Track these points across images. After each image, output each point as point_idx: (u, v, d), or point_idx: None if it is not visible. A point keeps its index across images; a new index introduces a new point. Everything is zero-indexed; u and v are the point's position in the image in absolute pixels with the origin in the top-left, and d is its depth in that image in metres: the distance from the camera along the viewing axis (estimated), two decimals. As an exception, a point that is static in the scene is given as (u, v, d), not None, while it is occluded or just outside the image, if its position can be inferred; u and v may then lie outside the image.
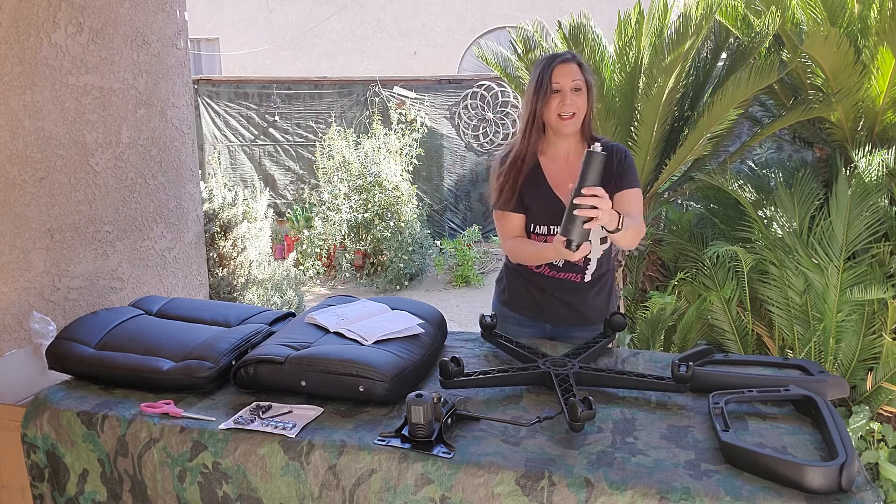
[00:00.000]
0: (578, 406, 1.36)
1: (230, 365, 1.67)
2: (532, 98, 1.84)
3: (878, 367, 2.71)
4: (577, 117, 1.86)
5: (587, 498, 1.24)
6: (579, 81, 1.83)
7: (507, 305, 2.09)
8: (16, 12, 2.06)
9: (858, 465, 1.23)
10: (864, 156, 2.85)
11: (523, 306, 2.05)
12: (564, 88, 1.82)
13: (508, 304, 2.08)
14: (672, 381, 1.55)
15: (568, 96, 1.82)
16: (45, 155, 2.18)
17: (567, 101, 1.83)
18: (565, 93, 1.82)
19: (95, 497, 1.56)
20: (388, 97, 7.22)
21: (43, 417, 1.58)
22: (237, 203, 4.29)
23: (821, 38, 2.78)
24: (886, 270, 2.73)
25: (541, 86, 1.82)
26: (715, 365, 1.72)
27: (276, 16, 11.04)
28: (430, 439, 1.37)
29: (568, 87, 1.82)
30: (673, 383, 1.54)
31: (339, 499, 1.37)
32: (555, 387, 1.54)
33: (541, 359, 1.68)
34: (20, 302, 2.13)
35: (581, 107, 1.85)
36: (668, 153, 3.40)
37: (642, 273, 3.56)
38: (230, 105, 7.36)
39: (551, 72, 1.82)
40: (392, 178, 6.21)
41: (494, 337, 1.83)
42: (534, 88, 1.83)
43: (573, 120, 1.85)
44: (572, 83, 1.82)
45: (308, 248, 6.34)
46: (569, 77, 1.82)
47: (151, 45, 2.59)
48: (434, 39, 10.80)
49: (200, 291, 2.98)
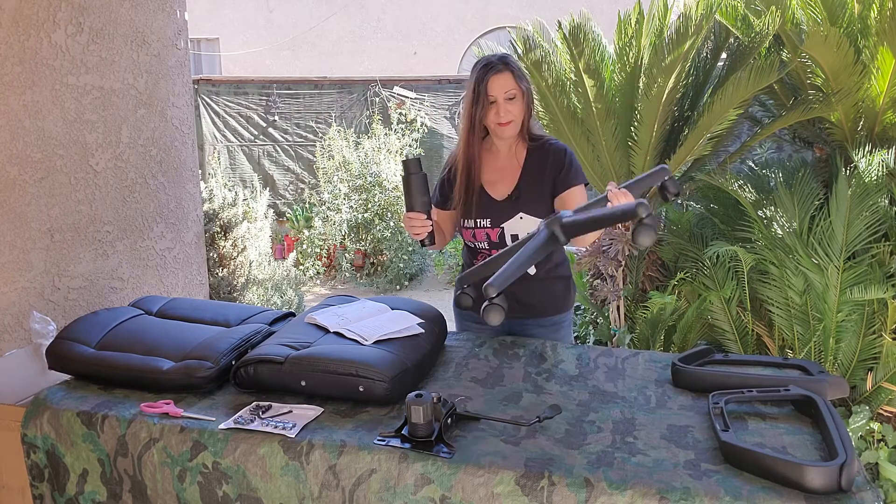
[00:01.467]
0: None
1: (230, 365, 1.67)
2: (470, 108, 1.91)
3: (878, 367, 2.71)
4: (515, 122, 1.93)
5: (587, 498, 1.24)
6: (512, 90, 1.89)
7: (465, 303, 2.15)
8: (16, 12, 2.06)
9: (858, 465, 1.23)
10: (864, 156, 2.85)
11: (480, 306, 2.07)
12: (499, 99, 1.89)
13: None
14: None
15: (502, 106, 1.89)
16: (45, 155, 2.18)
17: (501, 111, 1.90)
18: (500, 103, 1.89)
19: (95, 497, 1.56)
20: (388, 97, 7.22)
21: (43, 417, 1.58)
22: (237, 203, 4.29)
23: (821, 38, 2.78)
24: (886, 270, 2.72)
25: (477, 97, 1.89)
26: (715, 365, 1.72)
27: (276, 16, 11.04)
28: (430, 439, 1.37)
29: (502, 97, 1.89)
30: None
31: (339, 499, 1.37)
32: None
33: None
34: (20, 302, 2.13)
35: (517, 113, 1.92)
36: (668, 153, 3.40)
37: (642, 273, 3.56)
38: (230, 105, 7.36)
39: (486, 84, 1.89)
40: (392, 178, 6.21)
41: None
42: (471, 99, 1.90)
43: (511, 125, 1.92)
44: (505, 94, 1.89)
45: (308, 248, 6.34)
46: (502, 88, 1.89)
47: (151, 45, 2.59)
48: (434, 39, 10.80)
49: (200, 291, 2.98)
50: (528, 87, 1.93)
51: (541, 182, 1.97)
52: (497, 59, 1.90)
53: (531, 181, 1.98)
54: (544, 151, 1.99)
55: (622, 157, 3.47)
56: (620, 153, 3.46)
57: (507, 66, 1.89)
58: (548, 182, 1.96)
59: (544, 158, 1.98)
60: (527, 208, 1.96)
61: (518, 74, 1.90)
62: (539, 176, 1.98)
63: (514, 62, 1.92)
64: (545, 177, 1.97)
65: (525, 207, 1.96)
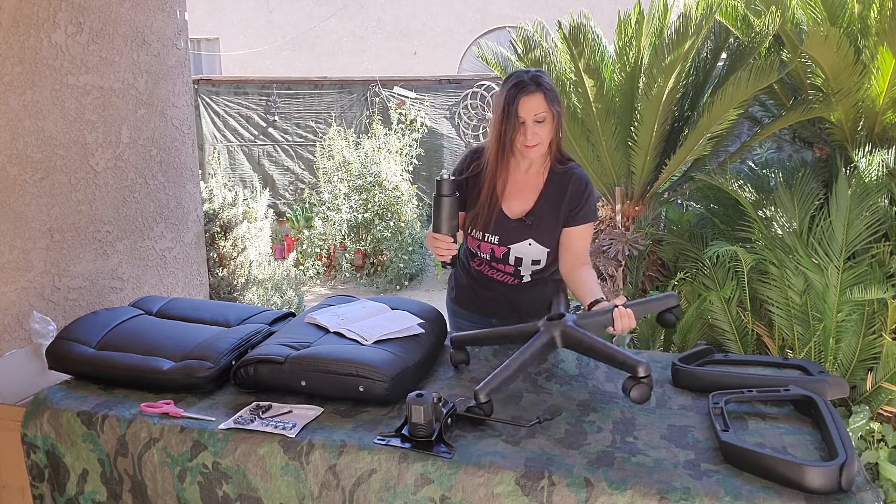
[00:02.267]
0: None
1: (230, 365, 1.67)
2: (499, 127, 1.85)
3: (878, 367, 2.70)
4: (542, 144, 1.88)
5: (587, 498, 1.24)
6: (543, 113, 1.83)
7: (456, 303, 2.18)
8: (16, 12, 2.06)
9: (858, 465, 1.23)
10: (864, 156, 2.85)
11: (469, 303, 2.13)
12: (528, 121, 1.84)
13: (457, 301, 2.17)
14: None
15: (530, 129, 1.84)
16: (45, 155, 2.18)
17: (529, 133, 1.85)
18: (528, 125, 1.84)
19: (95, 497, 1.56)
20: (388, 97, 7.22)
21: (43, 417, 1.58)
22: (237, 203, 4.29)
23: (821, 38, 2.78)
24: (886, 270, 2.72)
25: (507, 116, 1.84)
26: (715, 365, 1.72)
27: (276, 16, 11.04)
28: (430, 439, 1.37)
29: (531, 119, 1.84)
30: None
31: (339, 499, 1.37)
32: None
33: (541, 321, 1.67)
34: (20, 302, 2.13)
35: (545, 135, 1.86)
36: (668, 153, 3.40)
37: (642, 273, 3.56)
38: (230, 105, 7.36)
39: (517, 104, 1.83)
40: (392, 178, 6.21)
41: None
42: (500, 117, 1.85)
43: (537, 148, 1.88)
44: (535, 116, 1.83)
45: (308, 248, 6.34)
46: (532, 111, 1.83)
47: (151, 45, 2.59)
48: (434, 39, 10.80)
49: (200, 291, 2.98)
50: (558, 111, 1.87)
51: (557, 211, 1.93)
52: (529, 79, 1.83)
53: (547, 208, 1.94)
54: (566, 179, 1.94)
55: (622, 157, 3.47)
56: (620, 153, 3.46)
57: (540, 87, 1.82)
58: (563, 212, 1.93)
59: (564, 186, 1.93)
60: (537, 235, 1.93)
61: (550, 97, 1.83)
62: (556, 204, 1.93)
63: (546, 82, 1.84)
64: (561, 206, 1.93)
65: (536, 234, 1.93)
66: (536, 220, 1.94)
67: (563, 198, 1.93)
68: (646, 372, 1.42)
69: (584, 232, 1.95)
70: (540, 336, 1.59)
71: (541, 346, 1.58)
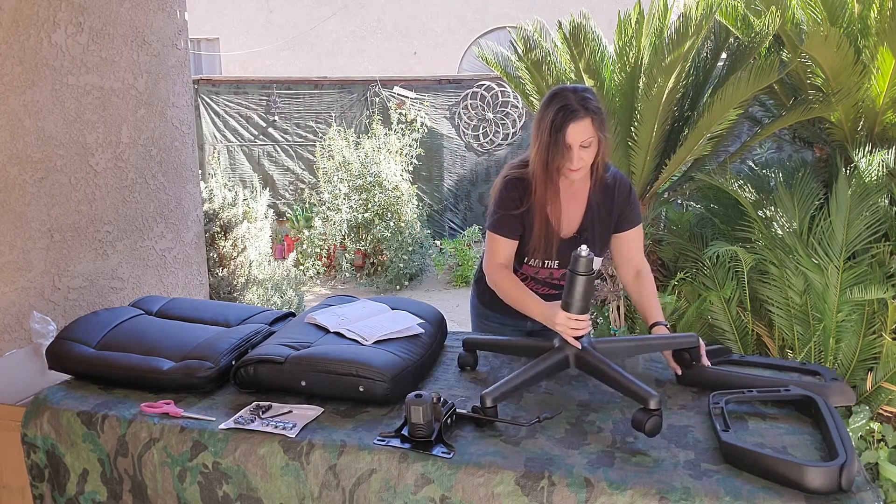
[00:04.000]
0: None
1: (230, 365, 1.67)
2: (546, 153, 1.76)
3: (878, 367, 2.70)
4: (585, 167, 1.81)
5: (587, 498, 1.24)
6: (591, 139, 1.75)
7: (487, 306, 2.07)
8: (16, 12, 2.06)
9: (858, 465, 1.23)
10: (864, 156, 2.85)
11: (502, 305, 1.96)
12: (574, 147, 1.75)
13: (489, 304, 2.05)
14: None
15: (576, 153, 1.76)
16: (45, 155, 2.18)
17: (575, 158, 1.76)
18: (574, 151, 1.75)
19: (95, 497, 1.56)
20: (388, 97, 7.22)
21: (43, 417, 1.58)
22: (237, 203, 4.28)
23: (821, 38, 2.78)
24: (886, 270, 2.72)
25: (555, 142, 1.74)
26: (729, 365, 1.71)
27: (276, 16, 11.04)
28: (429, 439, 1.37)
29: (578, 144, 1.75)
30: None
31: (339, 499, 1.37)
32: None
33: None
34: (20, 302, 2.13)
35: (589, 159, 1.79)
36: (668, 153, 3.40)
37: (642, 273, 3.56)
38: (230, 105, 7.36)
39: (564, 131, 1.73)
40: (392, 178, 6.21)
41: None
42: (546, 142, 1.75)
43: (581, 170, 1.80)
44: (581, 142, 1.75)
45: (308, 248, 6.34)
46: (579, 137, 1.74)
47: (151, 45, 2.59)
48: (434, 39, 10.79)
49: (200, 291, 2.98)
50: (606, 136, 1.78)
51: (607, 219, 1.90)
52: (578, 104, 1.72)
53: (597, 219, 1.89)
54: (611, 186, 1.88)
55: (622, 156, 3.47)
56: (620, 153, 3.46)
57: (588, 112, 1.72)
58: (613, 219, 1.89)
59: (610, 194, 1.88)
60: (591, 245, 1.85)
61: (597, 121, 1.74)
62: (605, 213, 1.89)
63: (594, 105, 1.74)
64: (611, 214, 1.89)
65: (590, 245, 1.85)
66: (590, 234, 1.89)
67: (612, 205, 1.89)
68: (657, 405, 1.38)
69: (635, 235, 1.91)
70: (554, 354, 1.59)
71: (553, 364, 1.58)
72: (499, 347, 1.83)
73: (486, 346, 1.83)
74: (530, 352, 1.72)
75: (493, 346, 1.83)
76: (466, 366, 1.78)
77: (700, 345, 1.64)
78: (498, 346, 1.83)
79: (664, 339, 1.72)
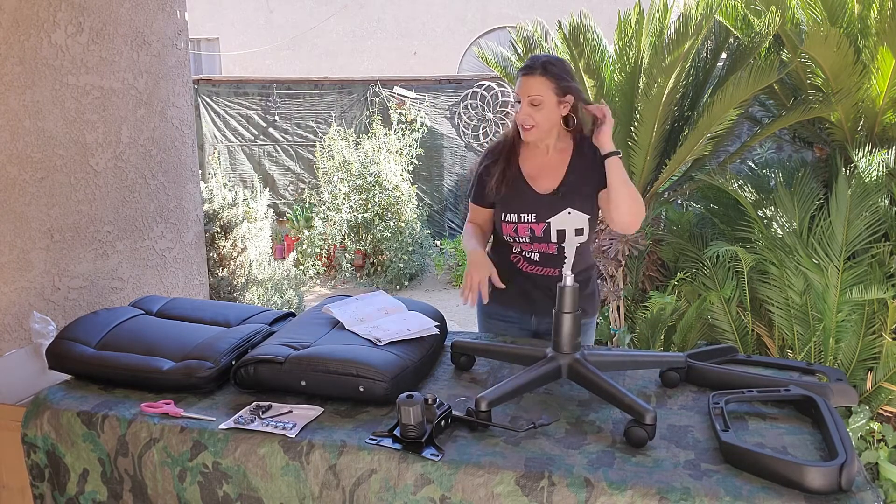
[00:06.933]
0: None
1: (230, 365, 1.67)
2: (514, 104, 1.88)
3: (878, 367, 2.71)
4: (537, 129, 1.84)
5: (587, 498, 1.24)
6: (538, 97, 1.80)
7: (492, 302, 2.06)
8: (16, 12, 2.06)
9: (858, 465, 1.23)
10: (864, 156, 2.85)
11: (509, 300, 2.02)
12: (523, 101, 1.82)
13: (494, 299, 2.04)
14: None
15: (524, 110, 1.81)
16: (45, 155, 2.18)
17: (522, 113, 1.83)
18: (523, 105, 1.82)
19: (96, 497, 1.56)
20: (388, 97, 7.22)
21: (43, 417, 1.58)
22: (237, 203, 4.28)
23: (821, 38, 2.78)
24: (886, 270, 2.72)
25: (517, 99, 1.84)
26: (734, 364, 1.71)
27: (276, 16, 11.04)
28: (420, 440, 1.37)
29: (526, 100, 1.81)
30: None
31: (339, 499, 1.37)
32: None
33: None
34: (20, 302, 2.13)
35: (539, 120, 1.83)
36: (668, 153, 3.39)
37: (642, 273, 3.56)
38: (230, 105, 7.36)
39: (518, 82, 1.83)
40: (392, 178, 6.21)
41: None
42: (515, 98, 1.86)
43: (532, 131, 1.84)
44: (529, 98, 1.81)
45: (308, 248, 6.34)
46: (527, 91, 1.81)
47: (151, 45, 2.59)
48: (434, 39, 10.79)
49: (200, 291, 2.98)
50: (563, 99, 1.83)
51: (590, 177, 1.91)
52: (535, 61, 1.81)
53: (578, 177, 1.92)
54: (591, 144, 1.91)
55: (622, 157, 3.47)
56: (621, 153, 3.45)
57: (539, 70, 1.79)
58: (595, 176, 1.90)
59: (592, 151, 1.91)
60: (574, 203, 1.90)
61: (552, 82, 1.79)
62: (587, 170, 1.91)
63: (553, 69, 1.80)
64: (594, 171, 1.90)
65: (572, 203, 1.90)
66: (570, 190, 1.91)
67: (594, 162, 1.89)
68: (652, 420, 1.36)
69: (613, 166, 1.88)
70: (547, 363, 1.59)
71: (545, 373, 1.58)
72: (487, 352, 1.80)
73: (475, 350, 1.79)
74: (519, 360, 1.70)
75: (482, 350, 1.80)
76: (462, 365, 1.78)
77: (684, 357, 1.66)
78: (487, 352, 1.80)
79: (653, 356, 1.74)
